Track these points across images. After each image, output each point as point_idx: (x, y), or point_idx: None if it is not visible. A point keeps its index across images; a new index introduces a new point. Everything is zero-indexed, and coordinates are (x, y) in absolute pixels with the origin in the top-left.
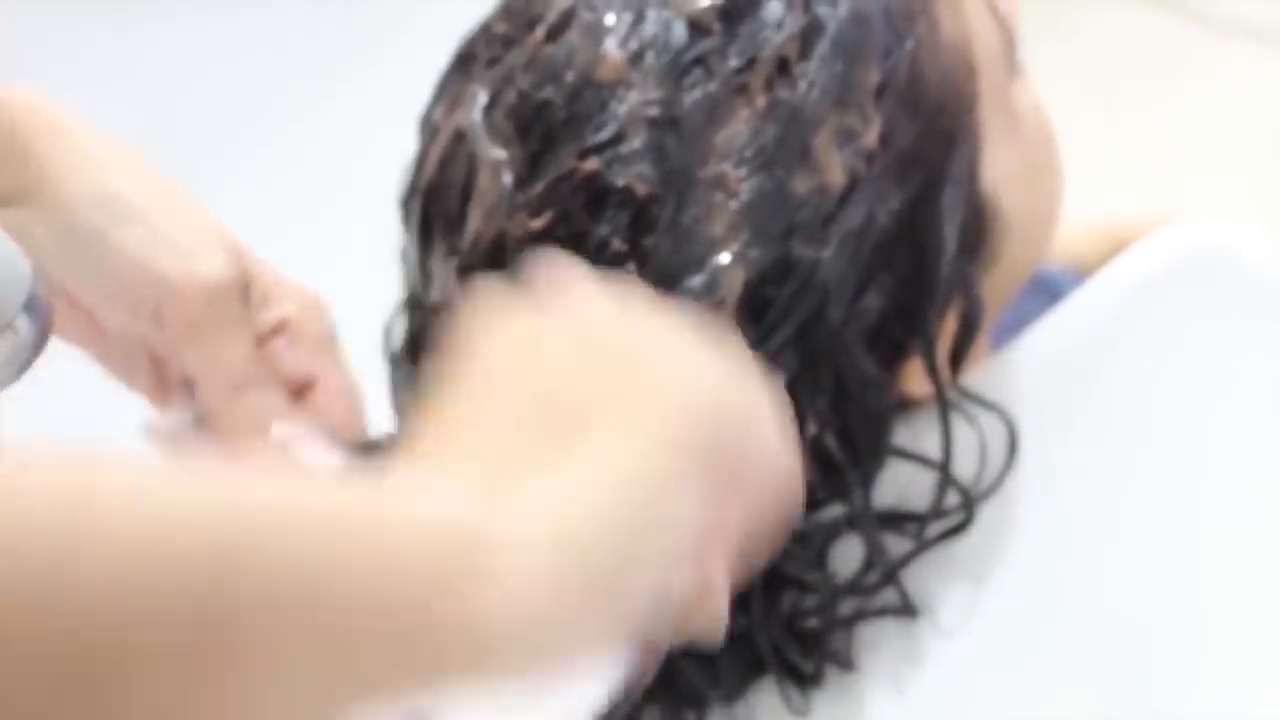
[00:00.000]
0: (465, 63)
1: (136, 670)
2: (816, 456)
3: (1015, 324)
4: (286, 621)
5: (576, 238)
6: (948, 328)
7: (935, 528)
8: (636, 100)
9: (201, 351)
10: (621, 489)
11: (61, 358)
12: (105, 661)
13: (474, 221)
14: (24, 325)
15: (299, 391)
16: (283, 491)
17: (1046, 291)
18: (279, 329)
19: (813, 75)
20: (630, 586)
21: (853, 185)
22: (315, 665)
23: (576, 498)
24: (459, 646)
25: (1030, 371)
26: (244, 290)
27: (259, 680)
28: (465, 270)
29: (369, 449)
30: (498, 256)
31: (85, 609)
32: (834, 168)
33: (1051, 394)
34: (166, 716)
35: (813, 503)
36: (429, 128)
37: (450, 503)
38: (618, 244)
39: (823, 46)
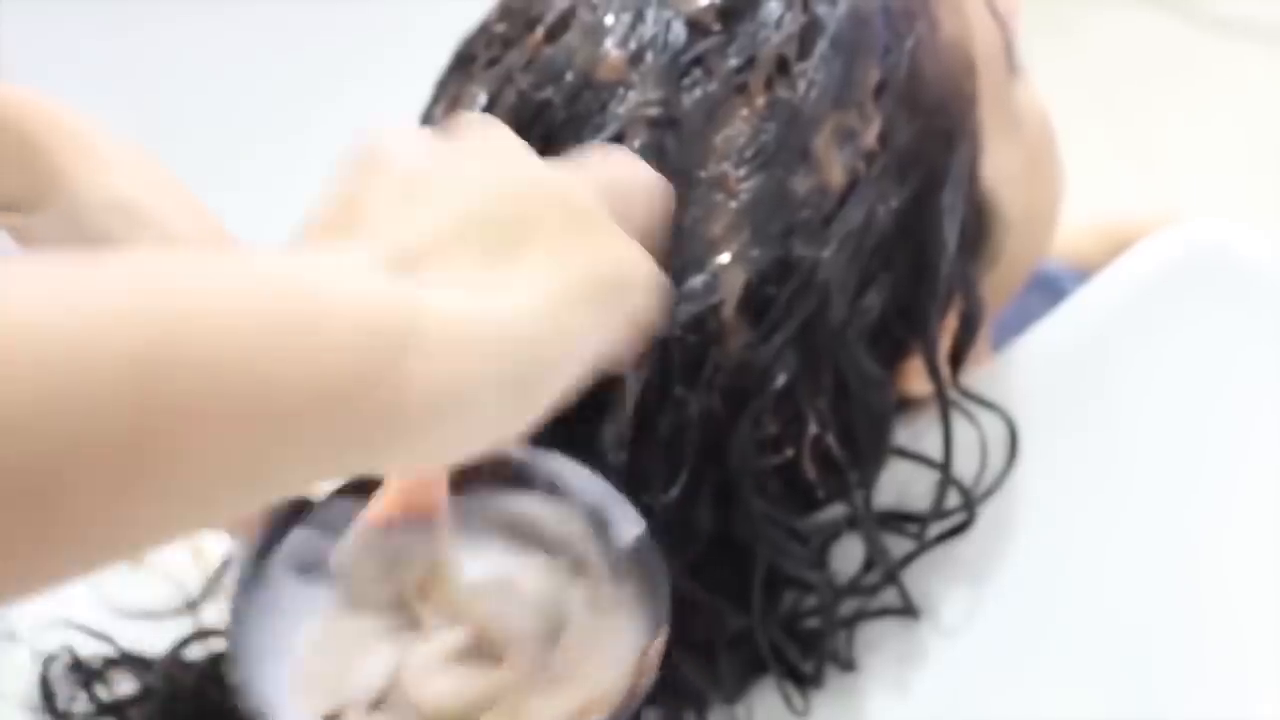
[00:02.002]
0: (465, 63)
1: (72, 483)
2: (817, 456)
3: (1017, 322)
4: (217, 418)
5: None
6: (948, 326)
7: (936, 528)
8: (636, 100)
9: None
10: (537, 309)
11: None
12: (38, 477)
13: None
14: None
15: None
16: (205, 279)
17: (1048, 290)
18: None
19: (812, 75)
20: (538, 389)
21: (853, 184)
22: (245, 455)
23: (499, 305)
24: (381, 428)
25: (1031, 371)
26: None
27: (193, 478)
28: None
29: None
30: None
31: (10, 429)
32: (834, 167)
33: (1052, 393)
34: (107, 524)
35: (813, 503)
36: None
37: (379, 293)
38: None
39: (822, 46)
